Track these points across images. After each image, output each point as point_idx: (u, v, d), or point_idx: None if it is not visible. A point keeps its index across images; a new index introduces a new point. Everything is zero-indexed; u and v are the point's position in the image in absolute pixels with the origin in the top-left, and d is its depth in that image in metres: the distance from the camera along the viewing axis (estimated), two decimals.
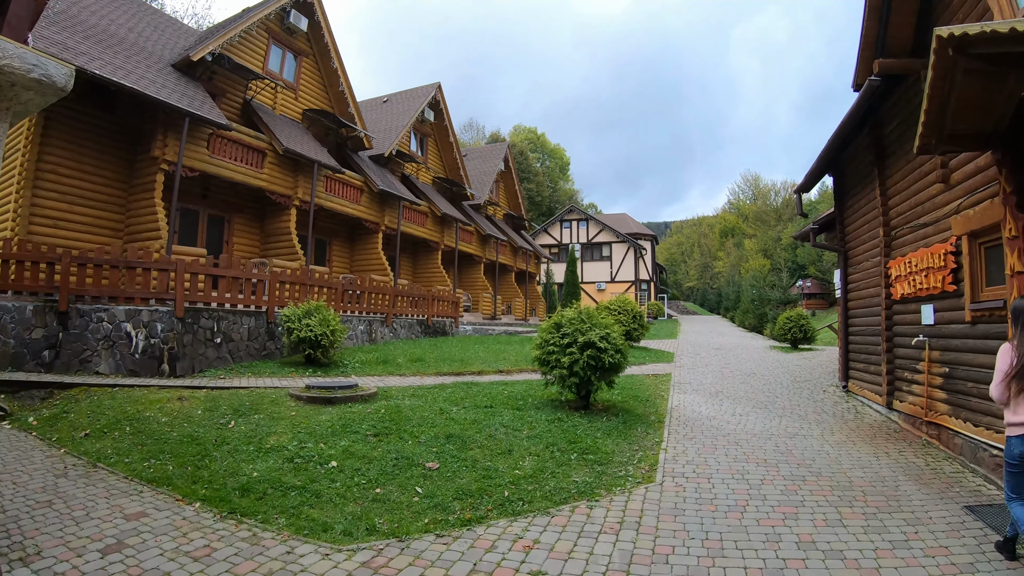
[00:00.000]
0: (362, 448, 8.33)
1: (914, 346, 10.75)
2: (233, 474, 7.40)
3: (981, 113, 6.77)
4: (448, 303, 27.54)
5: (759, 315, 43.36)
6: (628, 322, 22.53)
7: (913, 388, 11.00)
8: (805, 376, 17.36)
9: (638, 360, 19.76)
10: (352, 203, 26.21)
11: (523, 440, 8.97)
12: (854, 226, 14.57)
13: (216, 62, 20.71)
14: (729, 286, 70.09)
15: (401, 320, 23.01)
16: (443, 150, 37.11)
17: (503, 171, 44.90)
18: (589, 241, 59.84)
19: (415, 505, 6.66)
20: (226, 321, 14.97)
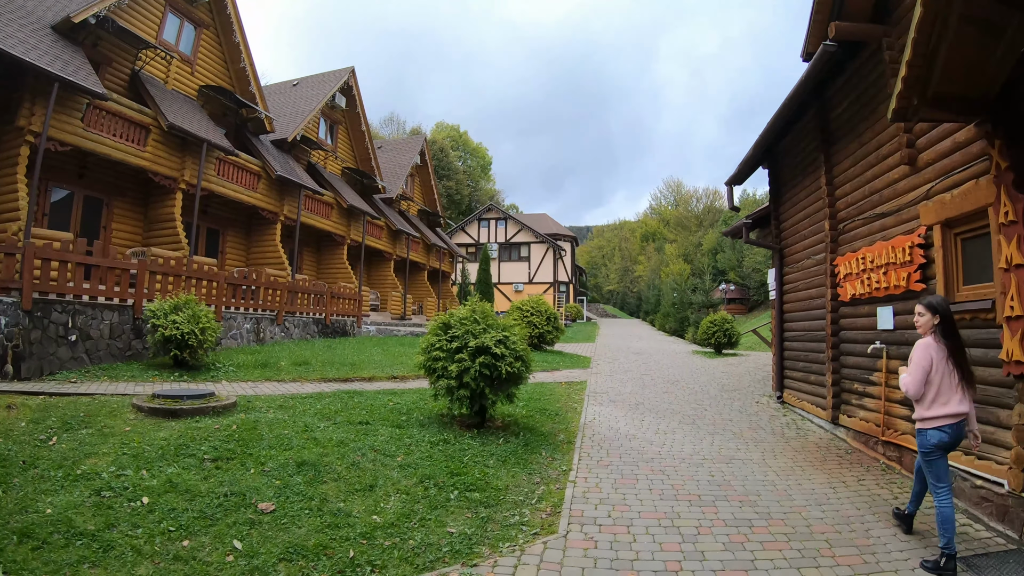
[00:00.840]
0: (191, 478, 6.34)
1: (870, 354, 9.24)
2: (23, 510, 5.42)
3: (972, 73, 5.74)
4: (350, 301, 25.45)
5: (680, 319, 42.20)
6: (541, 324, 20.84)
7: (866, 402, 9.53)
8: (734, 384, 15.89)
9: (551, 365, 18.11)
10: (248, 190, 23.83)
11: (393, 471, 7.04)
12: (792, 221, 13.08)
13: (101, 26, 18.16)
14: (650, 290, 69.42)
15: (295, 319, 20.91)
16: (354, 139, 34.78)
17: (419, 165, 42.79)
18: (507, 241, 58.04)
19: (227, 568, 4.76)
20: (84, 316, 12.63)
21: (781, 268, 13.61)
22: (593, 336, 34.88)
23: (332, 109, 32.30)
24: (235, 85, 25.15)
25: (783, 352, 13.46)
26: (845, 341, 10.35)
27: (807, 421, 11.46)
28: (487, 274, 31.38)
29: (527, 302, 21.51)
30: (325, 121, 32.32)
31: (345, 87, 32.56)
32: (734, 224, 15.33)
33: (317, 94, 31.13)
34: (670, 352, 25.46)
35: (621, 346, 28.02)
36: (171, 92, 21.71)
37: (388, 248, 35.18)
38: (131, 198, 20.76)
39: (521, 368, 8.97)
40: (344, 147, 34.15)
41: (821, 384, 11.13)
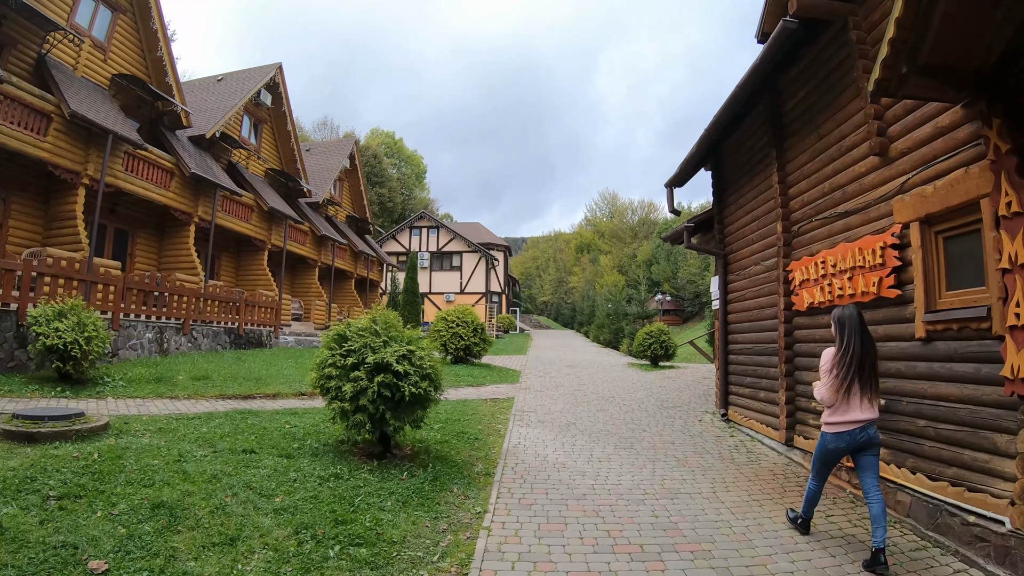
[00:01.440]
0: (26, 522, 4.93)
1: None
2: None
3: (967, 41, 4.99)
4: (267, 310, 23.88)
5: (615, 330, 41.17)
6: (468, 336, 19.54)
7: None
8: (673, 400, 14.76)
9: (476, 380, 16.83)
10: (159, 188, 22.01)
11: (266, 517, 5.62)
12: (738, 224, 12.03)
13: (5, 3, 16.39)
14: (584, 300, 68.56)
15: (205, 328, 19.33)
16: (280, 140, 33.11)
17: (348, 169, 41.24)
18: (439, 250, 56.50)
19: None
20: None
21: (725, 275, 12.54)
22: (525, 348, 33.63)
23: (257, 107, 30.62)
24: (151, 75, 23.40)
25: (728, 366, 12.39)
26: (801, 355, 9.27)
27: (757, 442, 10.37)
28: (414, 283, 29.78)
29: (452, 312, 20.17)
30: (249, 119, 30.63)
31: (271, 84, 30.91)
32: (675, 229, 14.19)
33: (241, 90, 29.33)
34: (605, 365, 24.35)
35: (554, 358, 26.84)
36: (80, 79, 19.94)
37: (313, 255, 33.53)
38: (31, 194, 18.87)
39: (428, 388, 7.57)
40: (268, 147, 32.44)
41: (773, 402, 10.05)
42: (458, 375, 17.29)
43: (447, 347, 19.72)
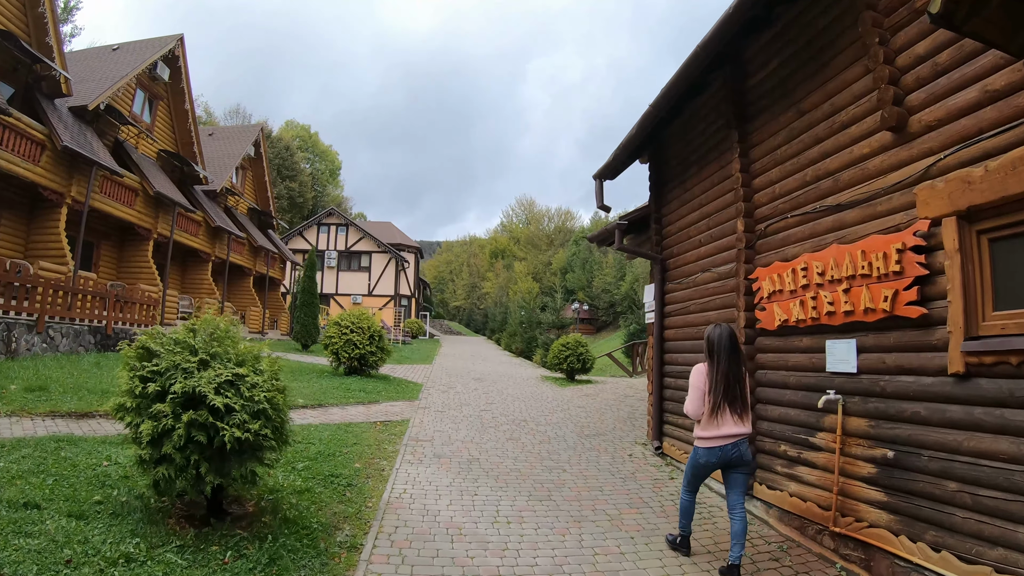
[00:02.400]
0: None
1: (821, 408, 6.24)
2: None
3: None
4: (144, 307, 21.26)
5: (528, 339, 39.17)
6: (363, 344, 17.27)
7: (801, 472, 6.75)
8: (595, 426, 12.84)
9: (369, 396, 14.64)
10: (26, 161, 19.05)
11: None
12: (681, 224, 10.19)
13: None
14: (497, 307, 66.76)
15: (65, 327, 16.69)
16: (177, 119, 30.03)
17: (253, 158, 38.33)
18: (348, 249, 53.81)
19: None
20: None
21: (663, 283, 10.69)
22: (431, 356, 31.36)
23: (153, 81, 27.55)
24: (30, 33, 20.52)
25: (663, 391, 10.53)
26: (767, 384, 7.44)
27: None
28: (312, 282, 27.19)
29: (347, 316, 17.86)
30: (143, 94, 27.51)
31: (170, 56, 27.90)
32: (604, 228, 12.16)
33: (136, 60, 26.50)
34: (517, 378, 22.40)
35: (461, 369, 24.75)
36: None
37: (206, 248, 30.69)
38: None
39: (264, 431, 5.16)
40: (163, 127, 29.39)
41: None
42: (348, 390, 15.10)
43: (339, 356, 17.49)
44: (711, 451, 5.70)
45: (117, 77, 24.71)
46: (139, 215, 25.16)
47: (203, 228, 30.23)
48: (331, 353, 17.51)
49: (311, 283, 27.24)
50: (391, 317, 49.57)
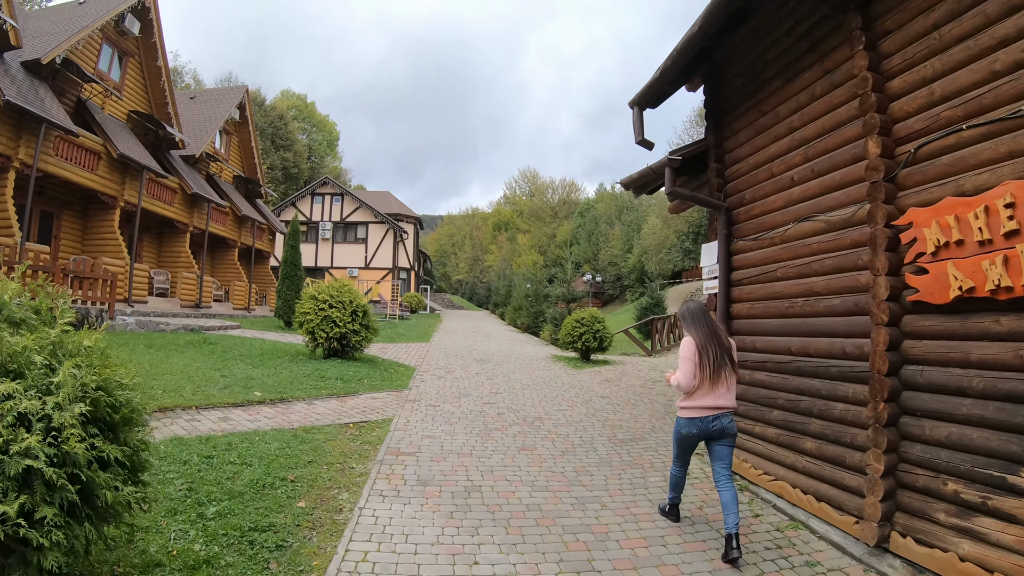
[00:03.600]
0: None
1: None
2: None
3: None
4: (102, 283, 18.65)
5: (535, 313, 36.35)
6: (344, 321, 14.52)
7: (984, 526, 4.34)
8: (629, 426, 10.14)
9: (347, 387, 11.96)
10: None
11: None
12: (757, 158, 7.45)
13: None
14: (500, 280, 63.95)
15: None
16: (150, 78, 27.28)
17: (238, 122, 35.51)
18: (343, 220, 50.96)
19: None
20: None
21: (729, 242, 7.98)
22: (430, 333, 28.49)
23: (122, 36, 24.78)
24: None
25: None
26: (927, 388, 4.78)
27: (802, 529, 5.85)
28: (295, 252, 24.32)
29: (324, 289, 15.00)
30: (111, 49, 24.71)
31: (140, 7, 24.99)
32: (644, 170, 9.15)
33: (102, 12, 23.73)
34: (525, 359, 19.74)
35: (462, 348, 22.08)
36: None
37: (183, 217, 28.01)
38: None
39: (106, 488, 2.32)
40: (135, 87, 26.68)
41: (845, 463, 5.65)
42: (322, 377, 12.45)
43: (315, 336, 14.74)
44: (692, 421, 5.58)
45: (78, 29, 22.08)
46: (102, 181, 22.59)
47: (179, 196, 27.68)
48: (306, 332, 14.81)
49: (294, 253, 24.48)
50: (388, 291, 46.93)
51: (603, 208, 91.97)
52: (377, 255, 50.47)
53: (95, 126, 22.72)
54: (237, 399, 10.05)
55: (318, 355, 15.12)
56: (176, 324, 20.30)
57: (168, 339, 16.55)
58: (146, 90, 27.37)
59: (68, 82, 22.02)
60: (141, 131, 26.62)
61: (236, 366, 13.01)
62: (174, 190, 27.09)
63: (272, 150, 65.72)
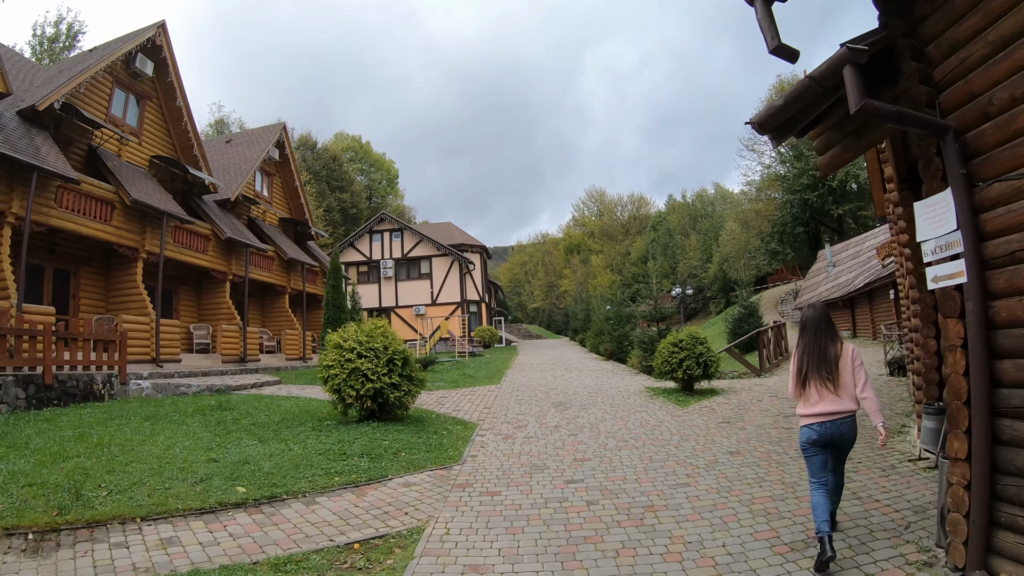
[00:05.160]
0: None
1: None
2: None
3: None
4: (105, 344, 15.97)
5: (618, 337, 32.68)
6: (379, 373, 11.04)
7: None
8: (790, 508, 6.55)
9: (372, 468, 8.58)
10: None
11: None
12: (1011, 24, 3.91)
13: None
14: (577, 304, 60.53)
15: None
16: (171, 120, 24.90)
17: (278, 163, 32.94)
18: (404, 255, 48.08)
19: None
20: None
21: (970, 191, 4.47)
22: (502, 371, 24.93)
23: (135, 78, 22.57)
24: None
25: (999, 450, 4.32)
26: None
27: None
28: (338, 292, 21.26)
29: (353, 334, 11.61)
30: (124, 92, 22.45)
31: (149, 46, 22.71)
32: (794, 88, 5.21)
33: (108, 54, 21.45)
34: (615, 396, 16.08)
35: (538, 387, 18.54)
36: None
37: (219, 266, 25.27)
38: None
39: None
40: (156, 130, 24.42)
41: None
42: (344, 454, 9.06)
43: (342, 395, 11.33)
44: (807, 429, 5.57)
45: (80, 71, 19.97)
46: (118, 231, 19.99)
47: (212, 243, 24.92)
48: (331, 391, 11.50)
49: (336, 294, 21.45)
50: (458, 327, 43.85)
51: (675, 219, 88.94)
52: (444, 290, 47.47)
53: (107, 173, 20.21)
54: (207, 501, 6.92)
55: (351, 418, 11.80)
56: (200, 385, 17.47)
57: (179, 405, 13.63)
58: (169, 134, 25.01)
59: (75, 129, 19.78)
60: (167, 177, 24.18)
61: (238, 441, 9.86)
62: (206, 237, 24.42)
63: (328, 192, 63.80)
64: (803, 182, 56.70)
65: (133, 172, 21.71)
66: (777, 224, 61.50)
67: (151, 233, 21.08)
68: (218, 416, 12.29)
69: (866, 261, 35.57)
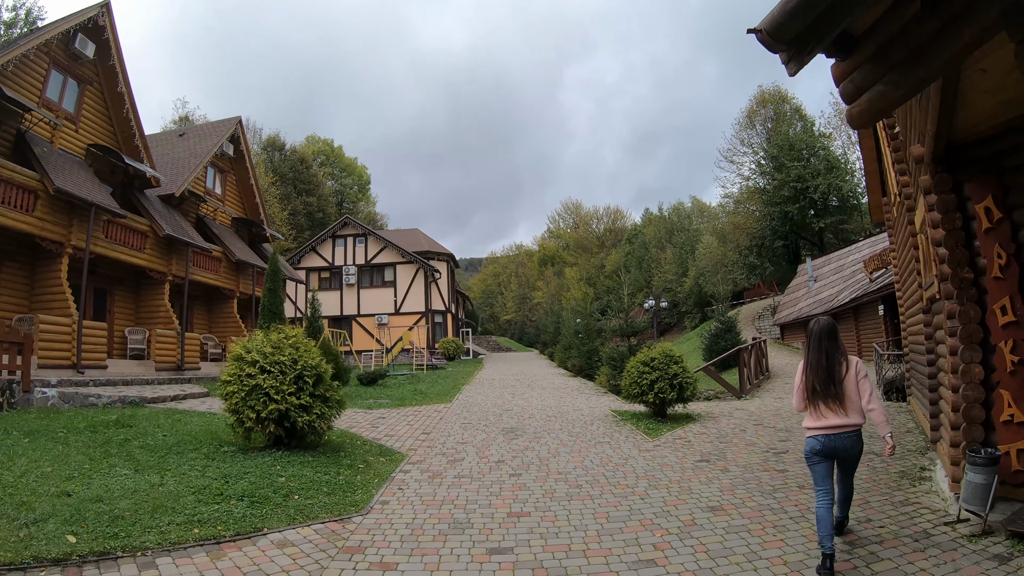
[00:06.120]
0: None
1: None
2: None
3: None
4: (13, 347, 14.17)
5: (587, 352, 30.68)
6: (286, 391, 8.98)
7: None
8: None
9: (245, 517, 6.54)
10: None
11: None
12: None
13: None
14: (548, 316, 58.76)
15: None
16: (113, 107, 23.01)
17: (232, 158, 30.75)
18: (368, 262, 45.91)
19: None
20: None
21: None
22: (459, 386, 22.81)
23: (75, 60, 20.76)
24: None
25: None
26: None
27: None
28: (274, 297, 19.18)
29: (257, 344, 9.72)
30: (62, 75, 20.55)
31: (91, 26, 20.92)
32: None
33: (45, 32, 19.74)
34: (576, 421, 14.09)
35: (493, 408, 16.59)
36: None
37: (158, 265, 23.20)
38: None
39: None
40: (96, 118, 22.63)
41: None
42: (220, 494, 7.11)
43: (240, 416, 9.29)
44: (813, 439, 5.58)
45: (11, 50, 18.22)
46: (41, 223, 18.11)
47: (151, 240, 22.79)
48: (229, 411, 9.52)
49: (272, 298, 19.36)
50: (422, 338, 41.83)
51: (651, 232, 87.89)
52: (408, 299, 45.36)
53: (34, 160, 18.21)
54: (21, 554, 5.28)
55: (256, 443, 9.79)
56: (113, 396, 15.62)
57: (75, 420, 11.90)
58: (110, 121, 23.00)
59: (4, 112, 17.63)
60: (106, 168, 22.19)
61: (110, 469, 8.02)
62: (144, 233, 22.40)
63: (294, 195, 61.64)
64: (784, 194, 55.74)
65: (65, 160, 19.68)
66: (756, 237, 60.54)
67: (79, 227, 19.08)
68: (109, 434, 10.44)
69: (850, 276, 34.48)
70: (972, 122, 5.73)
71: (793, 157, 55.76)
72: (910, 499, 7.00)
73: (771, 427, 12.24)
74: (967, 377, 6.03)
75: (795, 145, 56.68)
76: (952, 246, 6.20)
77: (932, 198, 6.43)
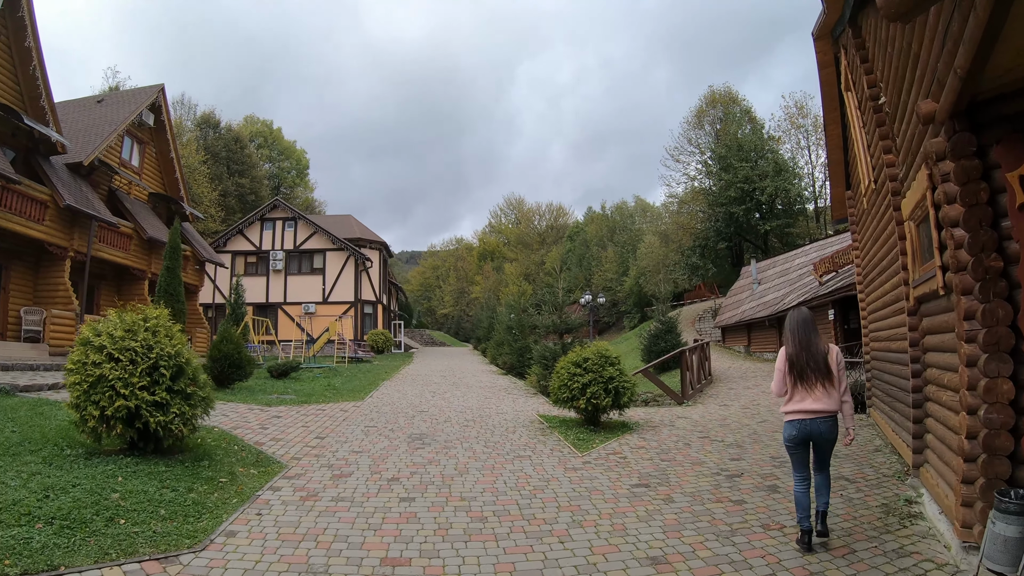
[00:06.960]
0: None
1: None
2: None
3: None
4: None
5: (519, 349, 29.20)
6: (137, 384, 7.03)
7: None
8: None
9: (52, 536, 4.84)
10: None
11: None
12: None
13: None
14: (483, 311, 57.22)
15: None
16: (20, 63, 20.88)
17: (152, 128, 28.54)
18: (297, 247, 43.91)
19: None
20: None
21: None
22: (378, 382, 21.02)
23: None
24: None
25: None
26: None
27: None
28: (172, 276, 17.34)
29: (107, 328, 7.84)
30: None
31: None
32: None
33: None
34: (496, 428, 12.50)
35: (407, 408, 14.96)
36: None
37: (59, 239, 21.12)
38: None
39: None
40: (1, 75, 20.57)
41: None
42: (26, 516, 5.36)
43: (83, 413, 7.41)
44: (790, 424, 5.79)
45: None
46: None
47: (51, 211, 20.68)
48: (71, 405, 7.70)
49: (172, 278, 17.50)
50: (350, 329, 39.94)
51: (593, 230, 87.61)
52: (337, 287, 43.37)
53: None
54: None
55: (107, 447, 8.05)
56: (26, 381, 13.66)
57: None
58: (16, 79, 20.80)
59: None
60: (7, 131, 20.32)
61: None
62: (43, 204, 20.31)
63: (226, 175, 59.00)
64: (730, 195, 55.28)
65: None
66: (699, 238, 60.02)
67: None
68: None
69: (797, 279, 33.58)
70: (1005, 67, 4.28)
71: (741, 158, 55.36)
72: (904, 547, 5.56)
73: (719, 441, 10.85)
74: (992, 396, 4.60)
75: (744, 146, 56.39)
76: (975, 226, 4.75)
77: (947, 166, 4.98)
